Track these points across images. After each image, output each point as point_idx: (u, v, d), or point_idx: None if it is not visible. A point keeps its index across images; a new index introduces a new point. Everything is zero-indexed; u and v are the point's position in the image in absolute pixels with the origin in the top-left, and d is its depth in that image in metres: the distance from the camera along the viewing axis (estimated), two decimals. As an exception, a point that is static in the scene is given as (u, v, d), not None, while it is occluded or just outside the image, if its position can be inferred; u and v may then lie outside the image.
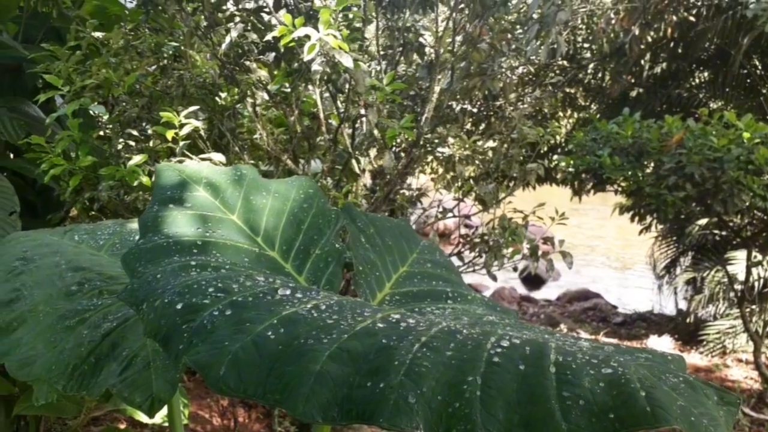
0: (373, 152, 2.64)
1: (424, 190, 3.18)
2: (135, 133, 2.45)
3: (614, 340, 7.49)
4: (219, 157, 2.28)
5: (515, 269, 2.79)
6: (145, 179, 2.34)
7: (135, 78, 2.40)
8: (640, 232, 8.10)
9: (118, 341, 1.31)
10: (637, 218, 7.40)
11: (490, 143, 2.84)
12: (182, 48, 2.62)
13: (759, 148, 4.68)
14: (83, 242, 1.80)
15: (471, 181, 2.63)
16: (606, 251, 13.23)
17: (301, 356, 0.73)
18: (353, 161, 2.71)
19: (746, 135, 4.92)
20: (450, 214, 2.75)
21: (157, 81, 2.61)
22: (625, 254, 12.99)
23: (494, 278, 2.64)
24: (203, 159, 2.16)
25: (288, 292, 0.91)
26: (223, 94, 2.90)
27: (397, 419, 0.62)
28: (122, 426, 3.61)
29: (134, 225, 1.85)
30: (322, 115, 2.61)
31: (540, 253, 2.54)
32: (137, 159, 2.27)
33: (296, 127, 2.86)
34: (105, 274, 1.54)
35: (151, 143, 2.43)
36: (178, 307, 0.89)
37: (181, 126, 2.15)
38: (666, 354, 0.91)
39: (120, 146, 2.46)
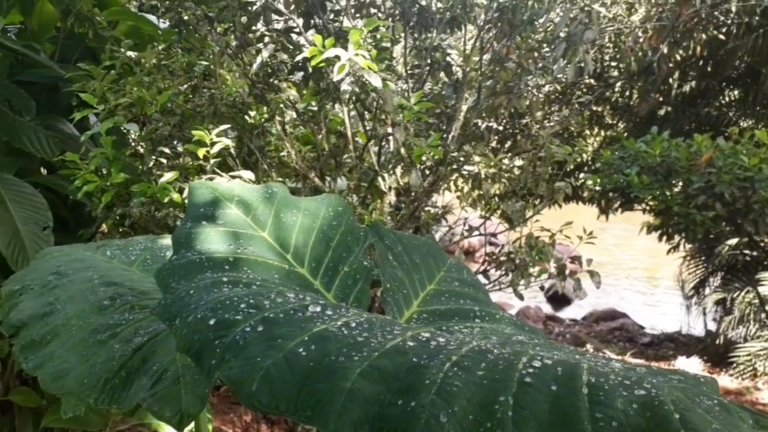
0: (399, 170, 2.65)
1: (449, 208, 3.19)
2: (167, 150, 2.50)
3: (642, 361, 7.37)
4: (248, 174, 2.31)
5: (542, 288, 2.77)
6: (175, 196, 2.38)
7: (168, 97, 2.45)
8: (669, 251, 8.00)
9: (148, 356, 1.33)
10: (665, 237, 7.32)
11: (517, 161, 2.84)
12: (213, 67, 2.67)
13: (791, 168, 4.62)
14: (115, 257, 1.83)
15: (497, 199, 2.63)
16: (633, 271, 13.07)
17: (333, 373, 0.74)
18: (379, 179, 2.73)
19: (777, 154, 4.86)
20: (476, 233, 2.75)
21: (188, 100, 2.66)
22: (653, 274, 12.81)
23: (521, 297, 2.63)
24: (233, 176, 2.19)
25: (318, 309, 0.92)
26: (252, 113, 2.94)
27: (428, 438, 0.62)
28: (147, 439, 3.63)
29: (165, 241, 1.88)
30: (349, 133, 2.64)
31: (567, 272, 2.53)
32: (168, 176, 2.31)
33: (323, 145, 2.89)
34: (136, 289, 1.56)
35: (182, 160, 2.48)
36: (211, 322, 0.90)
37: (212, 144, 2.19)
38: (698, 376, 0.90)
39: (151, 163, 2.50)
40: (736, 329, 7.08)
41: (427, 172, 2.64)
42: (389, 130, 2.39)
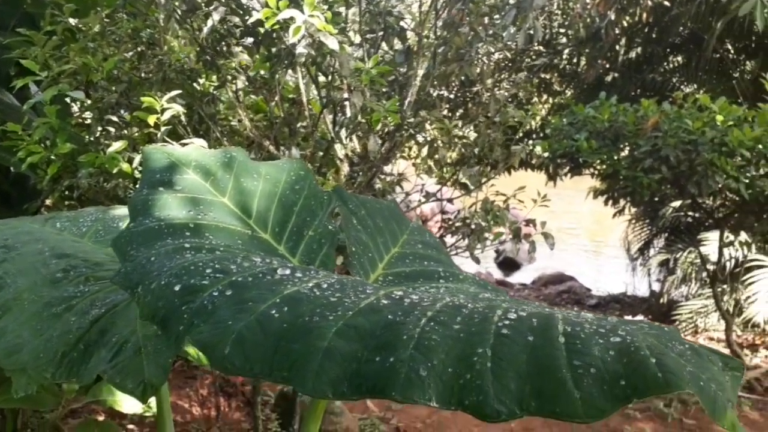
0: (355, 138, 2.63)
1: (404, 176, 3.18)
2: (114, 119, 2.41)
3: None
4: (201, 142, 2.25)
5: (497, 252, 2.80)
6: (125, 166, 2.30)
7: (114, 63, 2.35)
8: (614, 215, 8.21)
9: (107, 327, 1.29)
10: (611, 201, 7.50)
11: (472, 128, 2.85)
12: (159, 33, 2.57)
13: (732, 131, 4.76)
14: (65, 230, 1.77)
15: (453, 166, 2.63)
16: (580, 235, 13.39)
17: (308, 333, 0.73)
18: (335, 147, 2.70)
19: (720, 118, 5.00)
20: (432, 199, 2.76)
21: (135, 67, 2.56)
22: (599, 237, 13.16)
23: (477, 261, 2.66)
24: (184, 145, 2.13)
25: (288, 271, 0.91)
26: (202, 80, 2.86)
27: (409, 392, 0.62)
28: (101, 418, 3.57)
29: (117, 211, 1.82)
30: (304, 100, 2.59)
31: (522, 234, 2.56)
32: (117, 146, 2.23)
33: (277, 113, 2.84)
34: (90, 260, 1.51)
35: (130, 129, 2.39)
36: (176, 288, 0.88)
37: (163, 111, 2.12)
38: (662, 326, 0.93)
39: (99, 133, 2.41)
40: (679, 288, 7.36)
41: (383, 139, 2.62)
42: (345, 95, 2.35)
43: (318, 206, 1.27)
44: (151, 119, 2.11)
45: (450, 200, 2.81)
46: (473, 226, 2.68)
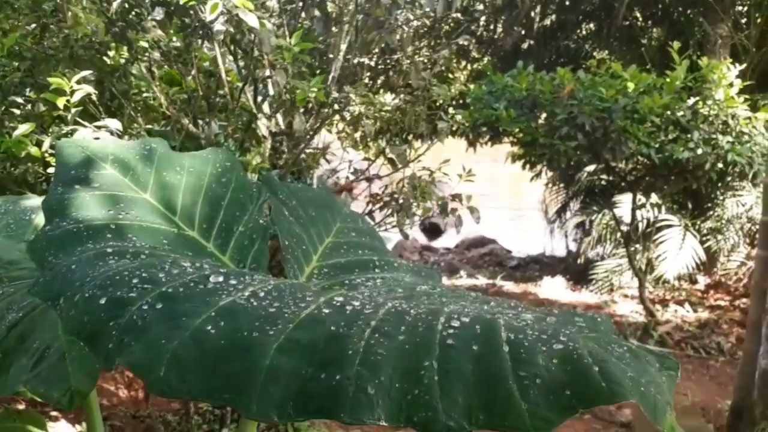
0: (279, 115, 2.56)
1: (329, 149, 3.14)
2: (19, 99, 2.25)
3: (510, 283, 7.84)
4: (115, 124, 2.13)
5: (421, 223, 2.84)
6: (33, 150, 2.16)
7: (15, 39, 2.18)
8: (532, 179, 8.44)
9: (26, 333, 1.22)
10: (528, 166, 7.70)
11: (396, 101, 2.83)
12: (63, 2, 2.40)
13: (643, 98, 4.94)
14: (-29, 224, 1.65)
15: (381, 141, 2.61)
16: (499, 199, 13.71)
17: (248, 351, 0.70)
18: (258, 123, 2.62)
19: (631, 85, 5.17)
20: (361, 177, 2.73)
21: (38, 42, 2.39)
22: (517, 201, 13.52)
23: (406, 236, 2.67)
24: (98, 127, 2.01)
25: (221, 278, 0.87)
26: (112, 53, 2.71)
27: (358, 412, 0.61)
28: (21, 407, 3.42)
29: (28, 202, 1.71)
30: (223, 73, 2.50)
31: (449, 209, 2.58)
32: (24, 128, 2.08)
33: (194, 86, 2.73)
34: (2, 258, 1.42)
35: (37, 109, 2.24)
36: (102, 301, 0.83)
37: (73, 92, 1.99)
38: (594, 316, 0.95)
39: (2, 115, 2.25)
40: (595, 249, 7.68)
41: (309, 114, 2.57)
42: (267, 72, 2.28)
43: (247, 199, 1.23)
44: (60, 101, 1.98)
45: (379, 177, 2.79)
46: (401, 202, 2.68)
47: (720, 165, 5.30)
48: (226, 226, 1.17)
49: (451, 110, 5.61)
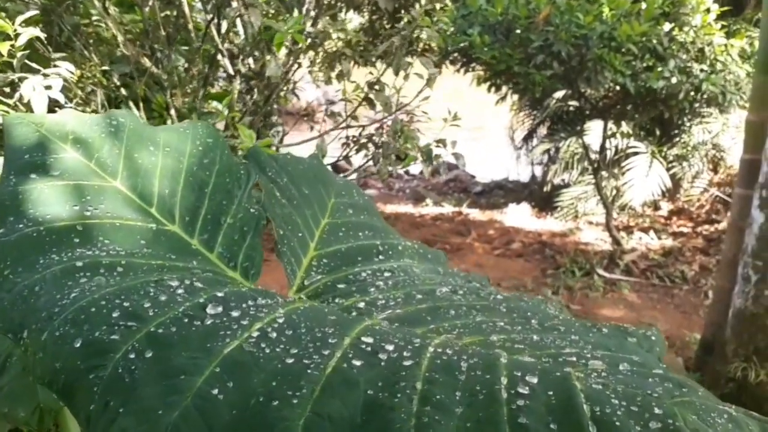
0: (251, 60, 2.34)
1: (297, 83, 2.93)
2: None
3: (476, 211, 7.82)
4: (67, 66, 1.90)
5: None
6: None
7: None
8: (497, 102, 8.28)
9: (-20, 340, 1.06)
10: (494, 89, 7.54)
11: (361, 20, 2.61)
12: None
13: (621, 25, 4.77)
14: None
15: (365, 87, 2.42)
16: (463, 123, 13.54)
17: (267, 429, 0.57)
18: (225, 61, 2.40)
19: (606, 10, 4.98)
20: (343, 125, 2.54)
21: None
22: (482, 125, 13.37)
23: (390, 188, 2.53)
24: (45, 75, 1.78)
25: (219, 309, 0.73)
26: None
27: None
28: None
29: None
30: (186, 7, 2.25)
31: (433, 156, 2.44)
32: (-41, 76, 1.84)
33: (152, 16, 2.47)
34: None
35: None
36: (77, 345, 0.68)
37: (17, 35, 1.74)
38: (646, 332, 0.84)
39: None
40: (561, 176, 7.66)
41: (288, 55, 2.35)
42: (242, 11, 2.04)
43: (235, 184, 1.07)
44: (3, 47, 1.74)
45: (354, 117, 2.61)
46: (379, 144, 2.52)
47: (693, 94, 5.23)
48: (212, 217, 1.01)
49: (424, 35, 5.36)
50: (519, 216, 7.49)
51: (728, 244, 3.45)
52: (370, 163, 2.57)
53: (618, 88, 5.48)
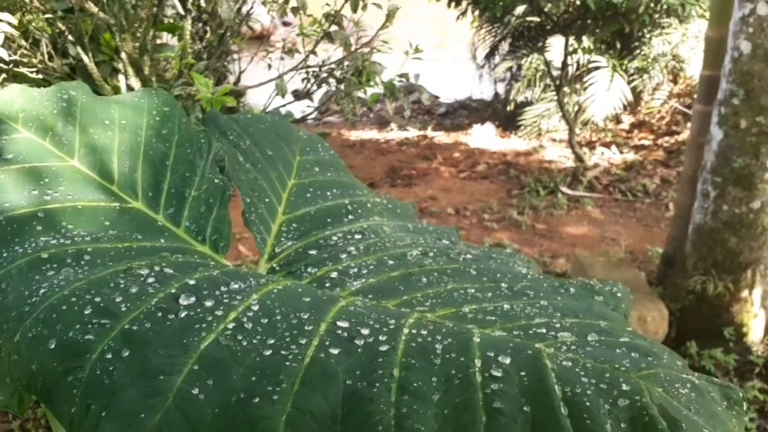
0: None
1: (248, 16, 2.83)
2: None
3: (441, 133, 7.80)
4: (7, 17, 1.80)
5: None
6: None
7: None
8: (457, 18, 8.12)
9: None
10: (453, 4, 7.39)
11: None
12: None
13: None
14: None
15: (323, 20, 2.34)
16: (423, 43, 13.29)
17: (250, 428, 0.58)
18: (175, 0, 2.30)
19: None
20: (301, 67, 2.47)
21: None
22: (442, 43, 13.13)
23: (353, 124, 2.49)
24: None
25: (193, 299, 0.73)
26: None
27: None
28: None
29: None
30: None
31: (397, 91, 2.41)
32: None
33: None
34: None
35: None
36: (51, 346, 0.68)
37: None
38: (612, 288, 0.87)
39: None
40: (524, 93, 7.63)
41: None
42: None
43: (196, 155, 1.04)
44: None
45: (314, 53, 2.54)
46: (339, 76, 2.47)
47: (652, 6, 5.20)
48: (176, 191, 0.99)
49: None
50: (483, 137, 7.49)
51: (688, 160, 3.51)
52: (332, 99, 2.52)
53: (578, 2, 5.41)
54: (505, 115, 7.85)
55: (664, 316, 3.11)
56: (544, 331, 0.67)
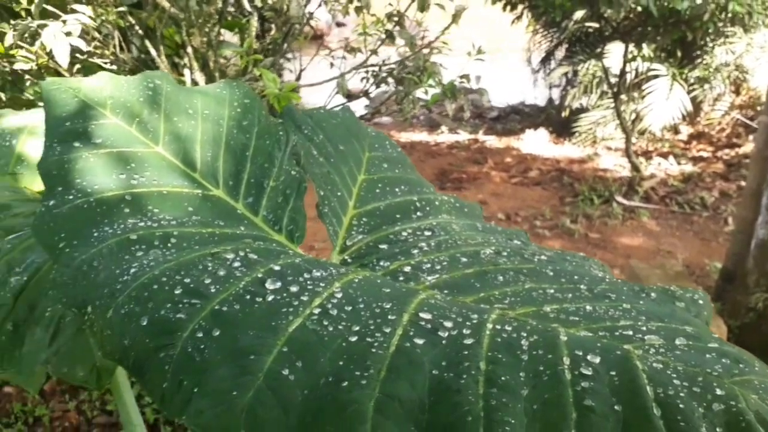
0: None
1: (311, 17, 2.86)
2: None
3: (493, 137, 7.74)
4: (86, 10, 1.86)
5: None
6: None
7: None
8: (512, 22, 8.05)
9: (35, 300, 1.09)
10: (509, 8, 7.32)
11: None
12: None
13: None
14: (-59, 153, 1.45)
15: (385, 20, 2.35)
16: (476, 43, 13.19)
17: (340, 411, 0.59)
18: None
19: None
20: (361, 69, 2.49)
21: None
22: (496, 47, 13.04)
23: (410, 124, 2.50)
24: (69, 19, 1.74)
25: (279, 284, 0.74)
26: None
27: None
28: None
29: (5, 121, 1.50)
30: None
31: (457, 92, 2.40)
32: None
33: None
34: (-11, 204, 1.25)
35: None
36: (143, 323, 0.70)
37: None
38: (693, 296, 0.85)
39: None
40: (580, 100, 7.51)
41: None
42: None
43: (274, 146, 1.06)
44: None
45: (375, 52, 2.56)
46: (399, 77, 2.48)
47: (717, 14, 5.06)
48: (255, 181, 1.02)
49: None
50: (536, 142, 7.41)
51: (752, 173, 3.41)
52: (390, 99, 2.53)
53: (640, 9, 5.31)
54: (558, 121, 7.75)
55: (723, 332, 3.03)
56: (630, 333, 0.67)
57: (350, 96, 2.81)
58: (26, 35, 1.90)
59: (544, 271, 0.88)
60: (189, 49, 2.51)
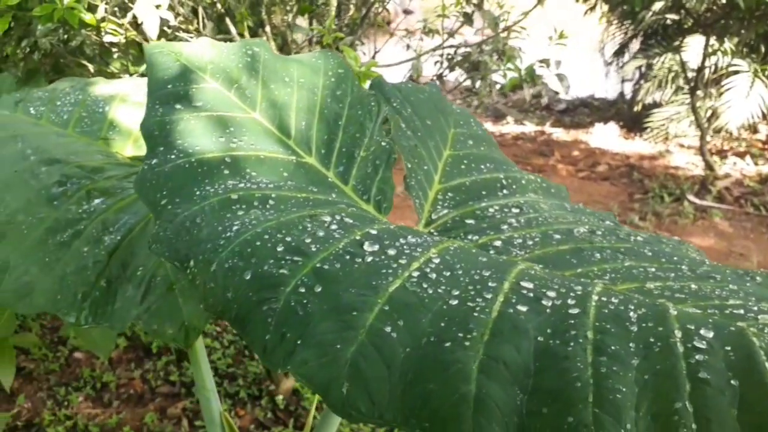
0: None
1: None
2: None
3: (560, 130, 7.60)
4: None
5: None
6: (88, 17, 1.97)
7: None
8: (585, 12, 7.85)
9: (128, 258, 1.13)
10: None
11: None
12: None
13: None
14: (42, 117, 1.52)
15: (464, 4, 2.33)
16: (547, 34, 12.96)
17: (443, 370, 0.59)
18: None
19: None
20: (439, 48, 2.48)
21: None
22: (565, 38, 12.76)
23: (468, 104, 2.48)
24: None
25: (376, 247, 0.75)
26: None
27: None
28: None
29: (99, 89, 1.57)
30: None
31: (535, 76, 2.36)
32: (75, -6, 1.88)
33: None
34: (86, 165, 1.30)
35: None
36: (247, 277, 0.72)
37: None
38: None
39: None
40: (653, 94, 7.29)
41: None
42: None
43: (366, 117, 1.07)
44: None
45: (451, 34, 2.54)
46: (481, 70, 2.46)
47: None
48: (347, 150, 1.03)
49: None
50: (605, 136, 7.23)
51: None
52: (467, 83, 2.51)
53: (724, 0, 5.10)
54: (630, 115, 7.54)
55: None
56: (742, 312, 0.65)
57: (416, 82, 2.81)
58: (116, 8, 1.96)
59: (641, 250, 0.86)
60: (267, 28, 2.55)
